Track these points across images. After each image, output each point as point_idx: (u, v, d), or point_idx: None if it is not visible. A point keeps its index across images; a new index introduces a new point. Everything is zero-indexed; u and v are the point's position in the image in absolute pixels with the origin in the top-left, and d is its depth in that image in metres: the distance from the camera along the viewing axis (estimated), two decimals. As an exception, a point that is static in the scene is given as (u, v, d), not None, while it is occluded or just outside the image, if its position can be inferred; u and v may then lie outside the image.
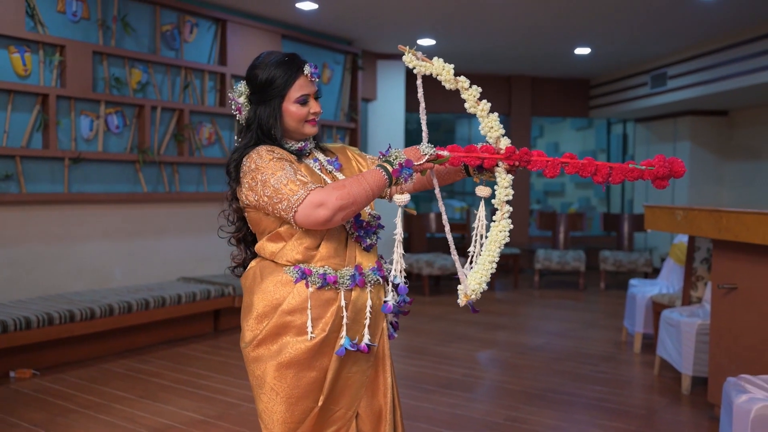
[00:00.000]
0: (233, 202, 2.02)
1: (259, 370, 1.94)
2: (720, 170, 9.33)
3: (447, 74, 1.98)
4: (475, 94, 1.99)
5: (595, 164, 1.96)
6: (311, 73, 1.98)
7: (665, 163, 1.94)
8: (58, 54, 5.09)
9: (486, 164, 1.98)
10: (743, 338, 3.56)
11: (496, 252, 1.98)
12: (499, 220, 1.98)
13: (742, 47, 7.03)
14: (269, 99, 1.96)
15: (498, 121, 2.00)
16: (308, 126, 2.00)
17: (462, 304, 1.97)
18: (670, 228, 4.06)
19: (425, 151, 1.95)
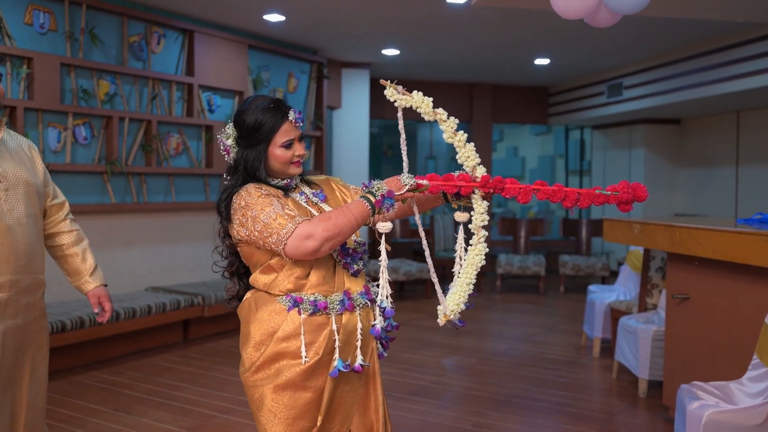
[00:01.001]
0: (226, 239, 2.12)
1: (258, 393, 2.05)
2: (673, 176, 9.68)
3: (426, 107, 2.11)
4: (453, 125, 2.12)
5: (564, 190, 2.11)
6: (295, 118, 2.09)
7: (629, 189, 2.10)
8: (26, 66, 5.09)
9: (463, 191, 2.10)
10: (695, 346, 3.78)
11: (473, 275, 2.12)
12: (475, 244, 2.12)
13: (693, 61, 7.34)
14: (256, 143, 2.07)
15: (474, 151, 2.13)
16: (293, 167, 2.11)
17: (442, 323, 2.10)
18: (627, 240, 4.27)
19: (406, 181, 2.07)
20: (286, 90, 7.58)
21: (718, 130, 8.98)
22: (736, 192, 8.58)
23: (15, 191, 2.40)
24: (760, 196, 8.19)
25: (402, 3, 5.85)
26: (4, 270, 2.33)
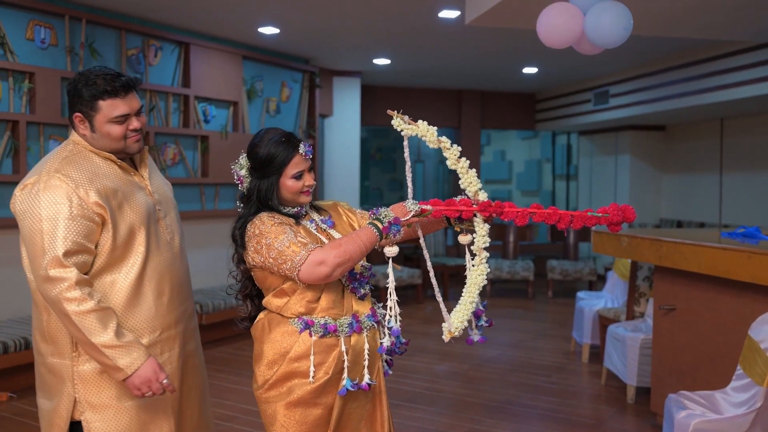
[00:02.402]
0: (240, 264, 2.24)
1: (270, 409, 2.19)
2: (658, 182, 9.89)
3: (431, 135, 2.23)
4: (456, 153, 2.25)
5: (558, 213, 2.25)
6: (305, 151, 2.21)
7: (618, 211, 2.26)
8: (28, 81, 5.18)
9: (464, 216, 2.25)
10: (682, 355, 3.94)
11: (475, 293, 2.25)
12: (477, 264, 2.25)
13: (678, 71, 7.53)
14: (268, 174, 2.19)
15: (476, 177, 2.26)
16: (303, 196, 2.24)
17: (446, 340, 2.23)
18: (615, 253, 4.44)
19: (411, 207, 2.21)
20: (279, 99, 7.70)
21: (702, 137, 9.19)
22: (720, 198, 8.80)
23: (170, 215, 2.37)
24: (743, 202, 8.41)
25: (394, 16, 5.98)
26: (179, 301, 2.31)
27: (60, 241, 2.00)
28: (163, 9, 5.81)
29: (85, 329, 2.00)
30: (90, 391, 2.11)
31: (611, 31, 3.31)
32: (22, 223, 2.07)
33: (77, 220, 2.03)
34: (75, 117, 2.18)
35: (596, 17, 3.30)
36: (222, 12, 5.91)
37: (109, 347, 2.01)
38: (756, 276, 3.20)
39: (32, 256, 2.03)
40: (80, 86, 2.14)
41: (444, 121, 10.32)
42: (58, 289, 1.97)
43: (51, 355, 2.14)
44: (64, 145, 2.21)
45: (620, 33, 3.34)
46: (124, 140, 2.19)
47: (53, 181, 2.05)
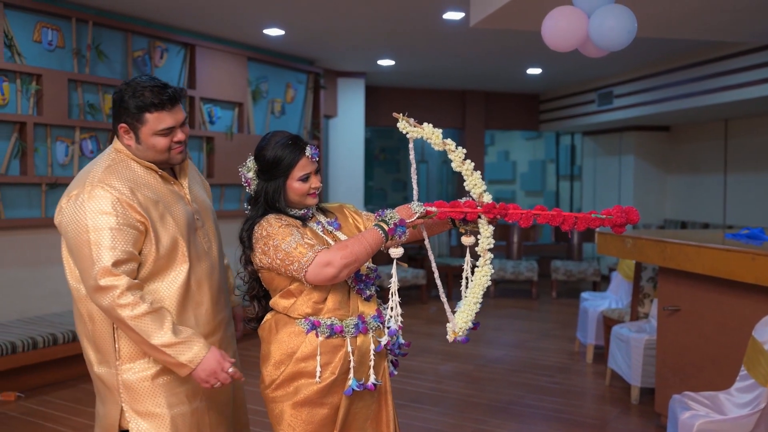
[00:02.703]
0: (248, 266, 2.27)
1: (278, 409, 2.21)
2: (662, 182, 9.90)
3: (436, 138, 2.26)
4: (461, 155, 2.27)
5: (563, 215, 2.27)
6: (312, 154, 2.24)
7: (622, 213, 2.27)
8: (35, 83, 5.21)
9: (469, 217, 2.27)
10: (686, 356, 3.96)
11: (479, 294, 2.28)
12: (482, 266, 2.28)
13: (682, 72, 7.54)
14: (275, 177, 2.22)
15: (481, 179, 2.28)
16: (309, 198, 2.26)
17: (450, 340, 2.27)
18: (620, 254, 4.45)
19: (416, 209, 2.23)
20: (284, 100, 7.73)
21: (706, 137, 9.20)
22: (724, 198, 8.81)
23: (207, 223, 2.35)
24: (747, 203, 8.42)
25: (399, 17, 6.01)
26: (217, 310, 2.31)
27: (108, 251, 2.00)
28: (168, 11, 5.84)
29: (143, 332, 2.01)
30: (135, 399, 2.12)
31: (616, 35, 3.32)
32: (68, 234, 2.07)
33: (123, 229, 2.04)
34: (120, 128, 2.17)
35: (600, 21, 3.31)
36: (227, 14, 5.94)
37: (169, 346, 2.03)
38: (760, 277, 3.22)
39: (81, 267, 2.04)
40: (127, 97, 2.12)
41: (448, 121, 10.34)
42: (111, 297, 1.98)
43: (99, 363, 2.16)
44: (108, 154, 2.20)
45: (624, 36, 3.35)
46: (168, 152, 2.19)
47: (97, 191, 2.05)
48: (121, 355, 2.11)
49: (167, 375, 2.14)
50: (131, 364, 2.11)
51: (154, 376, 2.13)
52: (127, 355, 2.11)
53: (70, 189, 2.13)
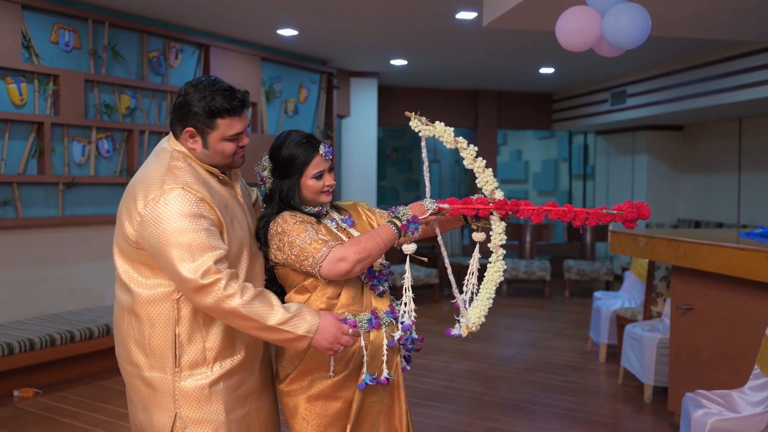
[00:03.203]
0: (264, 262, 2.30)
1: (292, 402, 2.25)
2: (676, 182, 9.86)
3: (448, 136, 2.28)
4: (473, 152, 2.29)
5: (574, 210, 2.28)
6: (325, 152, 2.27)
7: (633, 208, 2.29)
8: (52, 83, 5.28)
9: (481, 213, 2.29)
10: (699, 354, 3.96)
11: (492, 290, 2.30)
12: (494, 261, 2.30)
13: (696, 71, 7.52)
14: (290, 175, 2.25)
15: (492, 176, 2.31)
16: (323, 196, 2.29)
17: (464, 335, 2.28)
18: (633, 253, 4.46)
19: (428, 206, 2.26)
20: (297, 100, 7.77)
21: (720, 137, 9.16)
22: (738, 198, 8.76)
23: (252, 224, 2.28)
24: (762, 203, 8.37)
25: (411, 17, 6.03)
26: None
27: (209, 251, 1.96)
28: (183, 12, 5.89)
29: (258, 315, 1.97)
30: (192, 406, 2.07)
31: (630, 33, 3.33)
32: (153, 239, 1.98)
33: (212, 230, 2.01)
34: (186, 132, 2.09)
35: (614, 19, 3.33)
36: (241, 14, 5.98)
37: (285, 322, 2.00)
38: (773, 276, 3.22)
39: (175, 269, 1.96)
40: (195, 101, 2.05)
41: (460, 121, 10.35)
42: (217, 292, 1.94)
43: (150, 368, 2.08)
44: (170, 157, 2.10)
45: (639, 34, 3.36)
46: (232, 156, 2.16)
47: (178, 192, 1.99)
48: (181, 362, 2.06)
49: (225, 381, 2.11)
50: (191, 371, 2.06)
51: (213, 383, 2.08)
52: (188, 362, 2.06)
53: (142, 195, 2.02)
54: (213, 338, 2.09)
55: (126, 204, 2.08)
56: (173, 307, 2.05)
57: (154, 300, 2.05)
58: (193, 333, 2.06)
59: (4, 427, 4.09)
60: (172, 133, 2.15)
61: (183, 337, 2.06)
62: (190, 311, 2.06)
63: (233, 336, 2.13)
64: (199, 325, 2.07)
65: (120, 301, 2.13)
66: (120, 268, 2.10)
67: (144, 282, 2.06)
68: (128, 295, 2.09)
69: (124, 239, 2.07)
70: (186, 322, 2.05)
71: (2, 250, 5.09)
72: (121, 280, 2.09)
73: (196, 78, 2.13)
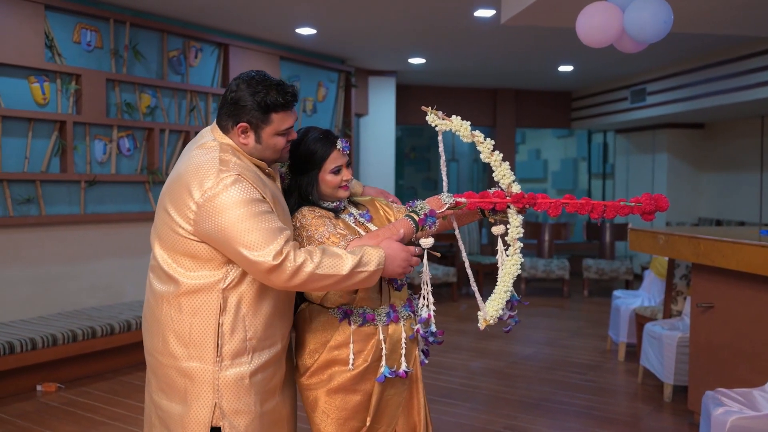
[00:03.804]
0: None
1: (312, 396, 2.27)
2: (697, 181, 9.77)
3: (464, 130, 2.28)
4: (489, 146, 2.28)
5: (591, 203, 2.27)
6: (342, 147, 2.29)
7: (651, 201, 2.28)
8: (74, 82, 5.35)
9: (498, 207, 2.29)
10: (720, 353, 3.93)
11: (509, 283, 2.29)
12: (512, 254, 2.30)
13: (717, 68, 7.45)
14: (308, 170, 2.28)
15: (509, 170, 2.30)
16: (341, 191, 2.31)
17: (482, 328, 2.27)
18: (652, 250, 4.43)
19: (445, 200, 2.27)
20: (316, 99, 7.80)
21: (742, 134, 9.06)
22: (760, 197, 8.66)
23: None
24: (783, 201, 8.28)
25: (429, 16, 6.03)
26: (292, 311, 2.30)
27: (277, 232, 1.98)
28: (203, 11, 5.94)
29: (334, 269, 2.00)
30: (232, 397, 2.07)
31: (652, 26, 3.31)
32: (216, 228, 1.98)
33: (272, 212, 2.03)
34: (239, 127, 2.10)
35: (636, 13, 3.31)
36: (260, 13, 6.02)
37: (358, 265, 2.03)
38: (795, 273, 3.18)
39: (243, 258, 1.97)
40: (248, 96, 2.06)
41: (479, 120, 10.32)
42: (290, 266, 1.95)
43: (189, 359, 2.07)
44: (219, 149, 2.09)
45: (661, 27, 3.34)
46: (281, 151, 2.18)
47: (232, 180, 2.00)
48: (222, 352, 2.06)
49: (262, 373, 2.13)
50: (232, 361, 2.07)
51: (252, 373, 2.09)
52: (230, 352, 2.06)
53: (200, 183, 2.00)
54: (255, 329, 2.10)
55: (174, 196, 2.06)
56: (219, 296, 2.05)
57: (199, 289, 2.05)
58: (236, 323, 2.07)
59: (27, 420, 4.15)
60: (220, 128, 2.15)
61: (226, 327, 2.06)
62: (236, 301, 2.06)
63: (273, 327, 2.15)
64: (243, 316, 2.08)
65: (157, 291, 2.12)
66: (161, 258, 2.10)
67: (186, 273, 2.06)
68: (170, 284, 2.08)
69: (172, 230, 2.05)
70: (231, 312, 2.06)
71: (26, 247, 5.16)
72: (163, 270, 2.09)
73: (243, 73, 2.14)
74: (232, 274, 2.06)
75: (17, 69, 5.03)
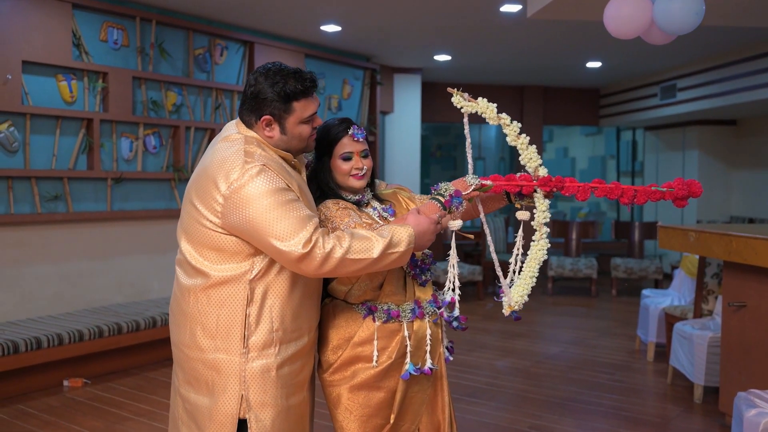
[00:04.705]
0: None
1: (335, 392, 2.24)
2: (728, 178, 9.58)
3: (491, 112, 2.22)
4: (516, 129, 2.23)
5: (621, 188, 2.19)
6: (354, 133, 2.25)
7: (684, 186, 2.18)
8: (101, 80, 5.39)
9: (525, 191, 2.23)
10: (752, 353, 3.83)
11: (535, 268, 2.23)
12: (538, 240, 2.23)
13: (749, 63, 7.28)
14: (321, 155, 2.27)
15: (536, 153, 2.23)
16: (353, 179, 2.26)
17: (507, 314, 2.22)
18: (682, 248, 4.33)
19: (471, 181, 2.22)
20: (341, 96, 7.79)
21: (775, 131, 8.86)
22: (793, 194, 8.47)
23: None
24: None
25: (455, 12, 5.98)
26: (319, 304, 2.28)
27: (305, 221, 1.96)
28: (228, 9, 5.95)
29: (363, 254, 1.98)
30: (258, 389, 2.06)
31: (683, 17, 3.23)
32: (244, 220, 1.97)
33: (299, 200, 2.02)
34: (263, 120, 2.09)
35: (666, 4, 3.23)
36: (285, 11, 6.02)
37: (389, 246, 2.01)
38: (832, 271, 3.08)
39: (273, 248, 1.96)
40: (267, 87, 2.05)
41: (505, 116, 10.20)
42: (319, 252, 1.94)
43: (215, 351, 2.05)
44: (244, 142, 2.08)
45: (692, 18, 3.25)
46: (308, 139, 2.16)
47: (257, 170, 1.98)
48: (249, 343, 2.04)
49: (289, 366, 2.11)
50: (259, 352, 2.05)
51: (279, 365, 2.07)
52: (257, 343, 2.05)
53: (226, 176, 1.99)
54: (282, 320, 2.08)
55: (200, 189, 2.05)
56: (246, 287, 2.04)
57: (226, 281, 2.04)
58: (263, 314, 2.05)
59: (53, 415, 4.19)
60: (244, 123, 2.14)
61: (252, 318, 2.04)
62: (263, 292, 2.05)
63: (300, 319, 2.13)
64: (270, 307, 2.06)
65: (184, 285, 2.11)
66: (187, 252, 2.10)
67: (213, 266, 2.05)
68: (197, 277, 2.07)
69: (199, 224, 2.05)
70: (258, 303, 2.05)
71: (53, 244, 5.21)
72: (190, 264, 2.09)
73: (261, 66, 2.13)
74: (258, 264, 2.05)
75: (45, 67, 5.08)
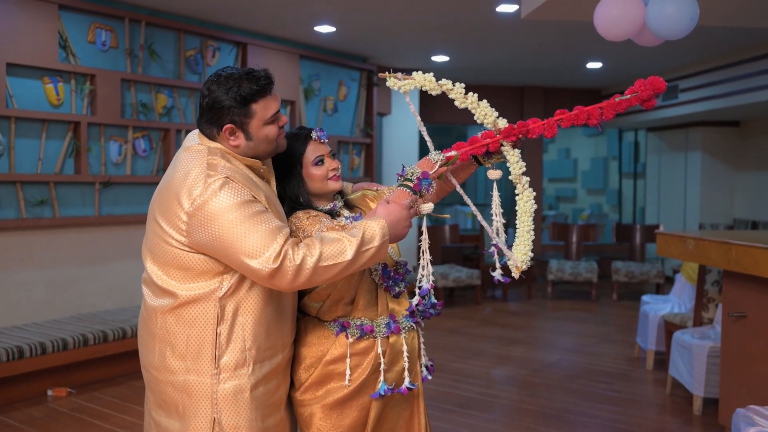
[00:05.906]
0: None
1: (307, 412, 2.14)
2: (732, 180, 9.44)
3: (429, 83, 2.13)
4: (461, 90, 2.13)
5: (585, 110, 2.11)
6: (318, 136, 2.16)
7: (647, 85, 2.11)
8: (89, 83, 5.29)
9: (491, 148, 2.14)
10: (753, 365, 3.70)
11: (529, 221, 2.14)
12: (521, 192, 2.14)
13: (753, 63, 7.15)
14: (292, 172, 2.15)
15: (489, 107, 2.15)
16: (331, 182, 2.17)
17: (516, 276, 2.13)
18: (681, 256, 4.21)
19: (435, 158, 2.13)
20: (337, 98, 7.67)
21: (779, 133, 8.72)
22: (798, 197, 8.33)
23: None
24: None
25: (452, 12, 5.86)
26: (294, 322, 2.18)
27: (274, 233, 1.86)
28: (220, 10, 5.84)
29: (337, 257, 1.88)
30: (231, 411, 1.97)
31: (676, 22, 3.12)
32: (210, 237, 1.88)
33: (266, 211, 1.92)
34: (225, 129, 1.98)
35: (659, 7, 3.11)
36: (278, 11, 5.91)
37: (361, 244, 1.91)
38: (835, 283, 2.96)
39: (243, 265, 1.87)
40: (222, 95, 1.96)
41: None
42: (289, 265, 1.84)
43: (185, 372, 1.97)
44: (207, 153, 1.98)
45: (686, 23, 3.15)
46: (276, 140, 2.06)
47: (220, 184, 1.89)
48: (220, 364, 1.96)
49: (264, 386, 2.02)
50: (231, 373, 1.97)
51: (253, 386, 1.99)
52: (228, 363, 1.97)
53: (189, 192, 1.89)
54: (255, 338, 1.99)
55: (164, 206, 1.96)
56: (216, 305, 1.95)
57: (195, 299, 1.95)
58: (234, 332, 1.97)
59: (33, 427, 4.09)
60: (206, 137, 2.04)
61: (223, 337, 1.96)
62: (233, 309, 1.96)
63: (274, 336, 2.04)
64: (242, 325, 1.97)
65: (151, 305, 2.02)
66: (153, 273, 2.00)
67: (180, 285, 1.96)
68: (165, 297, 1.98)
69: (164, 242, 1.96)
70: (228, 321, 1.96)
71: (40, 250, 5.11)
72: (155, 283, 1.99)
73: (211, 75, 2.03)
74: (228, 281, 1.96)
75: (31, 70, 4.98)
